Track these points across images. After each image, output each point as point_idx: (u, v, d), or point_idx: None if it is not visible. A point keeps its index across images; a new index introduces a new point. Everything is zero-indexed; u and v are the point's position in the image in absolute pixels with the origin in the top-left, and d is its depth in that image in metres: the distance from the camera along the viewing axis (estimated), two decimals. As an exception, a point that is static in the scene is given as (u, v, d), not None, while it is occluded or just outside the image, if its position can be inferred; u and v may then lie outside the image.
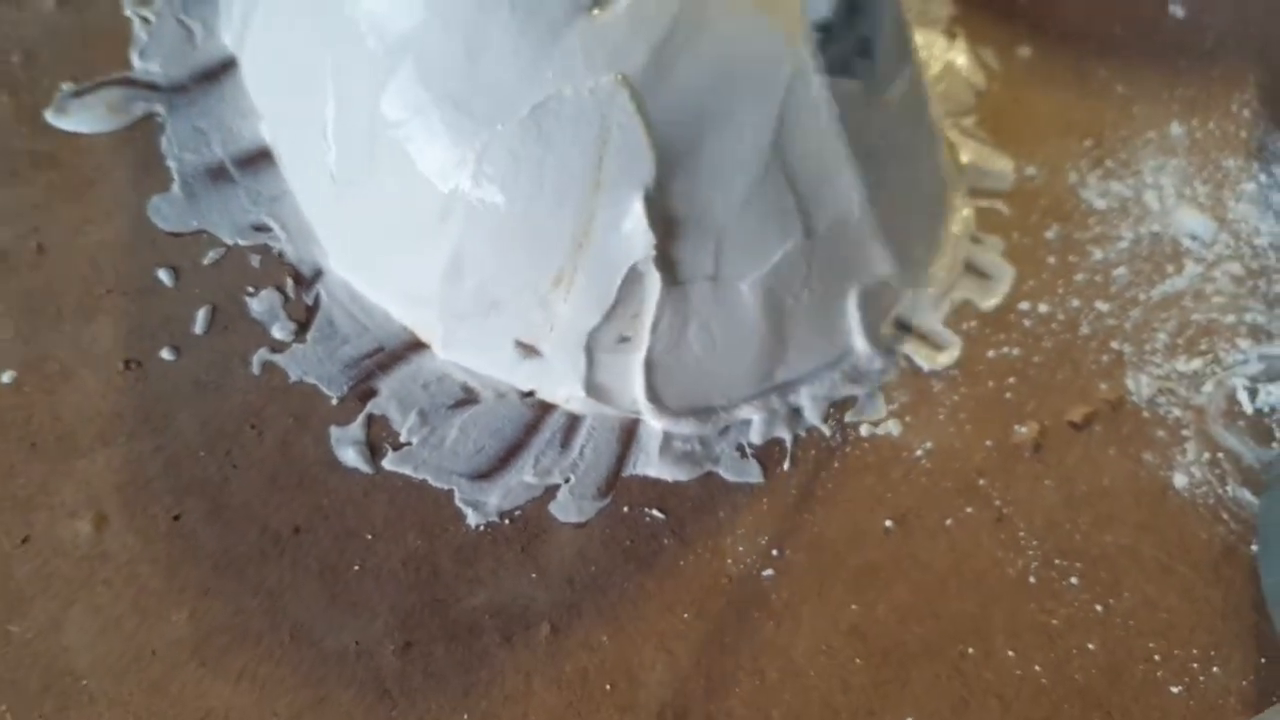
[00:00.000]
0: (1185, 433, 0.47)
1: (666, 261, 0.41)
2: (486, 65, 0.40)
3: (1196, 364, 0.48)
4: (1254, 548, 0.44)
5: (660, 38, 0.39)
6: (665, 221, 0.41)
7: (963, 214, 0.50)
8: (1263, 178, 0.53)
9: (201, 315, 0.45)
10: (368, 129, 0.43)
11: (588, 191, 0.40)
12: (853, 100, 0.43)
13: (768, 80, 0.41)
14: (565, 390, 0.44)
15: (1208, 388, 0.48)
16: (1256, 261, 0.51)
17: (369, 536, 0.42)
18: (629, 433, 0.45)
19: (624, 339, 0.43)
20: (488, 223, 0.41)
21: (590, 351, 0.43)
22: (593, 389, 0.44)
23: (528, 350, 0.44)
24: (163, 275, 0.46)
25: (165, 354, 0.45)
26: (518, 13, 0.40)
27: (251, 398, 0.44)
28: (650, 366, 0.43)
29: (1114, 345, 0.48)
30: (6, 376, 0.44)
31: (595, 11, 0.40)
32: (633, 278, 0.41)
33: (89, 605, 0.40)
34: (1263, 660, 0.42)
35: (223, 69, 0.50)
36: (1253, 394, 0.48)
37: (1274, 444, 0.47)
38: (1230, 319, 0.49)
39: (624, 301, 0.42)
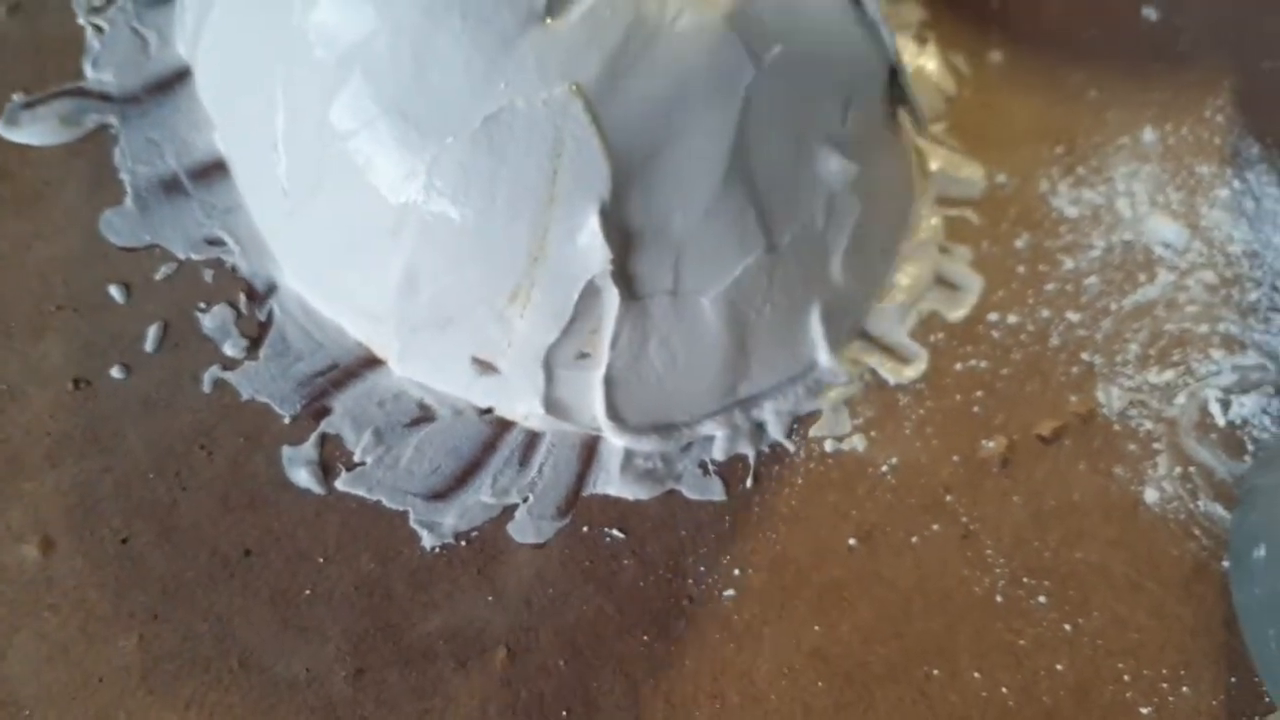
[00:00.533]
0: (1157, 446, 0.46)
1: (625, 276, 0.41)
2: (436, 76, 0.39)
3: (1169, 375, 0.47)
4: (1225, 564, 0.44)
5: (615, 46, 0.39)
6: (623, 235, 0.40)
7: (931, 223, 0.50)
8: (1236, 184, 0.52)
9: (153, 332, 0.44)
10: (317, 141, 0.42)
11: (542, 205, 0.39)
12: (817, 104, 0.42)
13: (726, 88, 0.40)
14: (524, 407, 0.43)
15: (1180, 399, 0.47)
16: (1230, 270, 0.50)
17: (321, 560, 0.41)
18: (589, 450, 0.44)
19: (583, 355, 0.42)
20: (440, 237, 0.40)
21: (549, 368, 0.42)
22: (552, 406, 0.43)
23: (485, 367, 0.43)
24: (114, 291, 0.45)
25: (115, 372, 0.44)
26: (468, 22, 0.39)
27: (202, 416, 0.43)
28: (610, 383, 0.43)
29: (1084, 357, 0.47)
30: (-48, 396, 0.43)
31: (548, 21, 0.39)
32: (590, 292, 0.41)
33: (34, 632, 0.39)
34: (1233, 679, 0.42)
35: (177, 79, 0.49)
36: (1225, 406, 0.47)
37: (1247, 457, 0.46)
38: (1203, 329, 0.48)
39: (582, 317, 0.41)
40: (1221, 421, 0.46)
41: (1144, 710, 0.41)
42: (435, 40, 0.39)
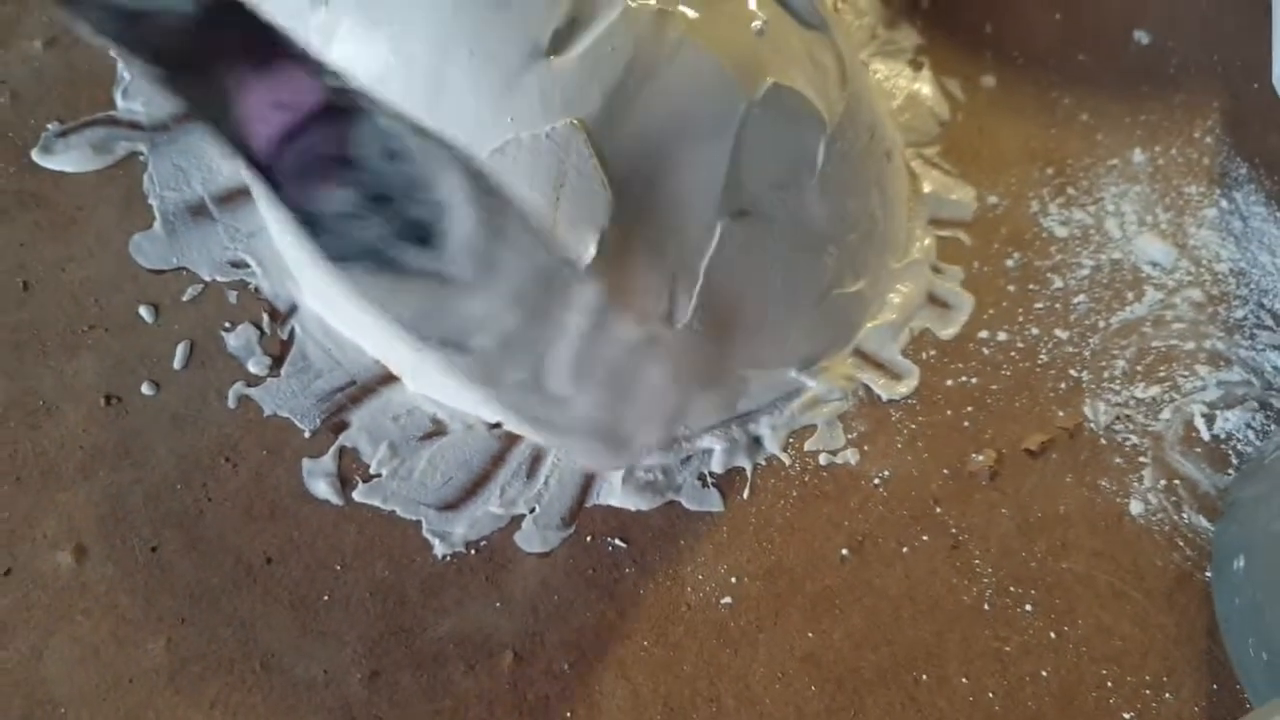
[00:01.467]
0: (1142, 459, 0.47)
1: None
2: (447, 110, 0.41)
3: (1155, 391, 0.49)
4: (1208, 574, 0.45)
5: (615, 82, 0.41)
6: (623, 257, 0.42)
7: (924, 243, 0.51)
8: (1224, 204, 0.53)
9: (180, 351, 0.47)
10: (337, 170, 0.44)
11: (545, 233, 0.41)
12: (806, 136, 0.44)
13: (721, 120, 0.42)
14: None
15: (1165, 414, 0.48)
16: (1217, 288, 0.51)
17: (338, 567, 0.43)
18: (593, 463, 0.46)
19: (587, 373, 0.44)
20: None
21: (554, 385, 0.44)
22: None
23: (493, 384, 0.45)
24: (144, 312, 0.48)
25: (145, 389, 0.46)
26: (476, 59, 0.41)
27: (227, 431, 0.46)
28: (612, 399, 0.45)
29: (1072, 373, 0.49)
30: (-8, 412, 0.45)
31: (552, 57, 0.41)
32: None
33: (68, 635, 0.42)
34: (1215, 686, 0.43)
35: (203, 108, 0.52)
36: (1210, 420, 0.48)
37: (1230, 470, 0.47)
38: (1190, 345, 0.50)
39: (585, 337, 0.43)
40: (1206, 436, 0.48)
41: (1127, 715, 0.42)
42: (446, 75, 0.41)
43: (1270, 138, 0.55)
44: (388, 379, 0.47)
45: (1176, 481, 0.47)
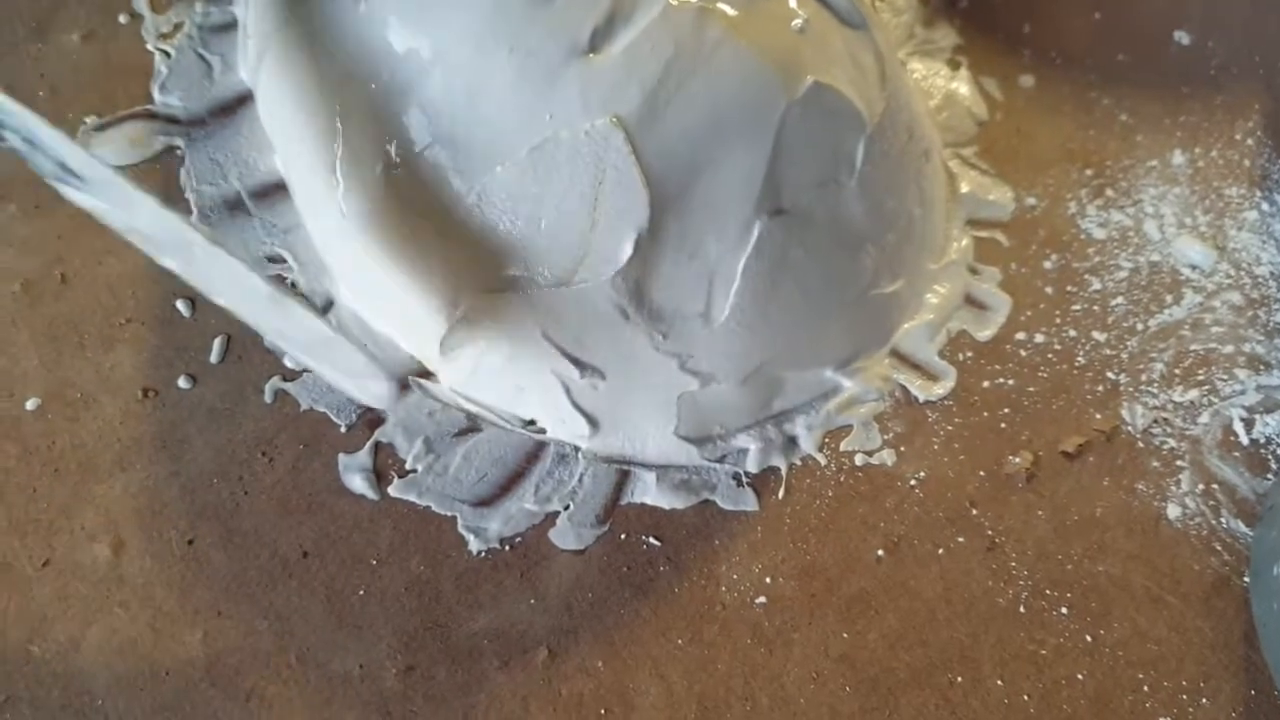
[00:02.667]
0: (1180, 463, 0.47)
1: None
2: (486, 108, 0.41)
3: (1193, 394, 0.49)
4: (1246, 579, 0.45)
5: (654, 80, 0.41)
6: (658, 250, 0.42)
7: (961, 244, 0.51)
8: (1265, 206, 0.53)
9: (217, 344, 0.47)
10: (374, 168, 0.44)
11: (582, 231, 0.41)
12: (846, 135, 0.44)
13: (760, 119, 0.42)
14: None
15: (1204, 418, 0.48)
16: (1257, 291, 0.51)
17: (374, 561, 0.43)
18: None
19: (622, 371, 0.44)
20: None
21: (589, 383, 0.44)
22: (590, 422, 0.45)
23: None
24: (180, 305, 0.48)
25: (182, 382, 0.46)
26: (516, 56, 0.41)
27: (264, 425, 0.46)
28: (648, 398, 0.45)
29: (1110, 375, 0.49)
30: (31, 403, 0.46)
31: (591, 55, 0.41)
32: (629, 312, 0.43)
33: (106, 627, 0.42)
34: (1252, 692, 0.43)
35: (239, 103, 0.52)
36: (1249, 425, 0.48)
37: (1269, 475, 0.47)
38: (1229, 349, 0.50)
39: (620, 335, 0.43)
40: (1245, 440, 0.48)
41: (1162, 720, 0.42)
42: (486, 73, 0.41)
43: (1312, 140, 0.55)
44: (423, 375, 0.47)
45: (1214, 486, 0.47)
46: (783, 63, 0.42)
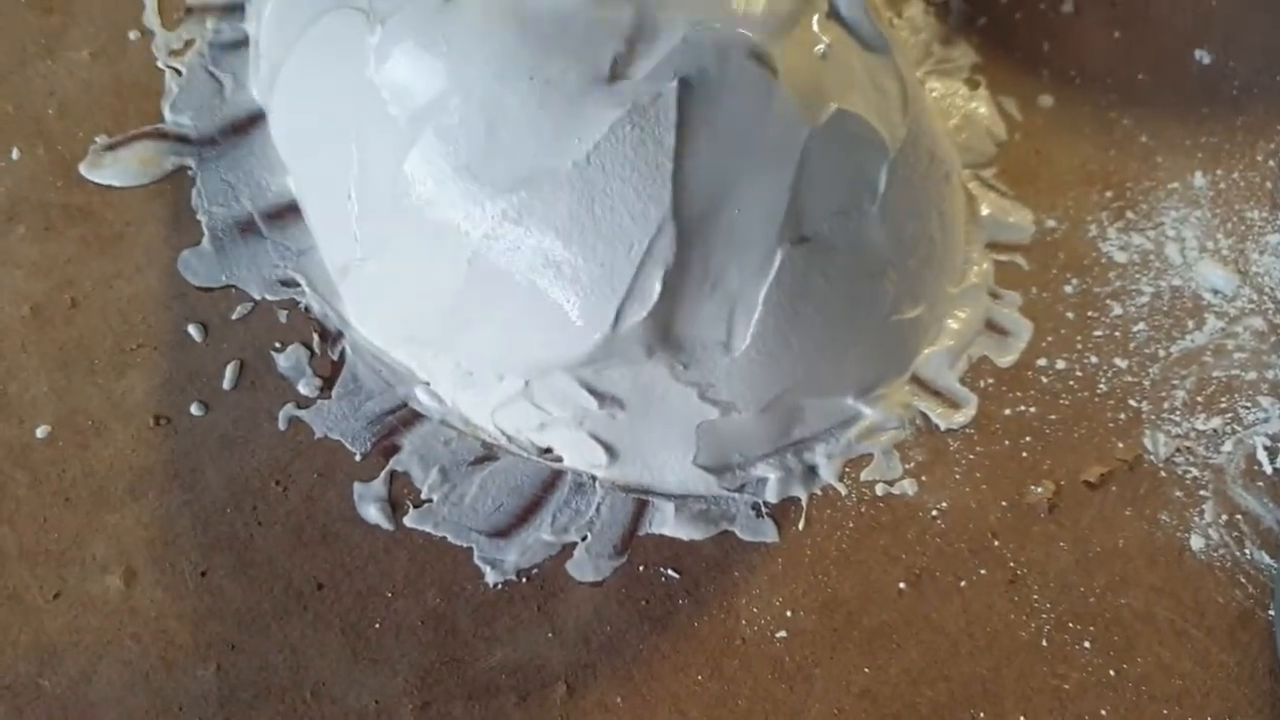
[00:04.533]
0: (1203, 493, 0.47)
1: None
2: (505, 137, 0.41)
3: (1216, 422, 0.48)
4: (1270, 612, 0.44)
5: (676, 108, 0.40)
6: (681, 285, 0.41)
7: (981, 268, 0.50)
8: (1287, 230, 0.52)
9: (230, 370, 0.46)
10: (390, 193, 0.43)
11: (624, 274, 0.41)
12: (868, 161, 0.43)
13: (784, 146, 0.41)
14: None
15: (1227, 447, 0.48)
16: (1279, 316, 0.50)
17: (389, 594, 0.43)
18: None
19: (641, 400, 0.44)
20: (505, 294, 0.42)
21: (607, 413, 0.44)
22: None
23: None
24: (192, 330, 0.47)
25: (194, 409, 0.46)
26: (536, 84, 0.40)
27: (277, 454, 0.45)
28: (667, 427, 0.44)
29: (1132, 403, 0.48)
30: (41, 431, 0.45)
31: (612, 83, 0.40)
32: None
33: (118, 659, 0.41)
34: (1277, 727, 0.43)
35: (251, 122, 0.51)
36: (1273, 454, 0.47)
37: (1293, 505, 0.46)
38: (1252, 375, 0.49)
39: (640, 365, 0.43)
40: (1269, 469, 0.47)
41: (1187, 756, 0.42)
42: (505, 101, 0.40)
43: (1335, 162, 0.54)
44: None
45: (1238, 516, 0.46)
46: (805, 90, 0.41)
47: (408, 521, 0.44)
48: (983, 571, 0.45)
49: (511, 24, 0.41)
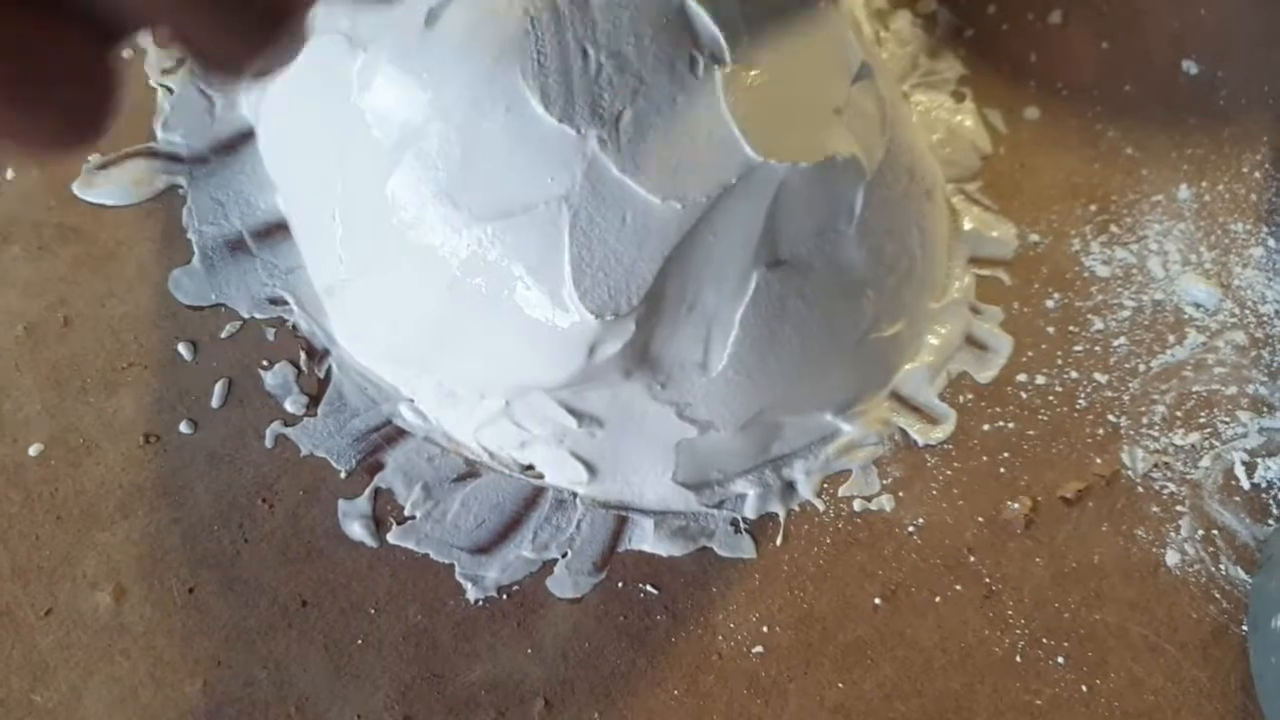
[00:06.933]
0: (1180, 508, 0.47)
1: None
2: (482, 165, 0.41)
3: (1194, 437, 0.48)
4: (1244, 628, 0.45)
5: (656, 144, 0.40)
6: (658, 310, 0.42)
7: (963, 282, 0.51)
8: (1271, 242, 0.52)
9: (218, 389, 0.47)
10: (374, 216, 0.44)
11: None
12: (844, 185, 0.44)
13: (761, 180, 0.41)
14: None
15: (1205, 462, 0.48)
16: (1261, 330, 0.51)
17: (372, 610, 0.44)
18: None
19: (620, 419, 0.45)
20: (487, 315, 0.42)
21: (587, 431, 0.45)
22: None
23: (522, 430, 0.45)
24: (182, 349, 0.48)
25: (183, 427, 0.47)
26: (512, 115, 0.41)
27: (264, 471, 0.46)
28: (645, 445, 0.45)
29: (1111, 418, 0.49)
30: (34, 449, 0.46)
31: (587, 117, 0.40)
32: (626, 363, 0.43)
33: (108, 675, 0.42)
34: (1249, 742, 0.43)
35: (241, 140, 0.52)
36: (1250, 469, 0.48)
37: (1270, 521, 0.47)
38: (1231, 390, 0.49)
39: (618, 385, 0.43)
40: (1246, 484, 0.47)
41: (1158, 771, 0.42)
42: (482, 130, 0.41)
43: (1321, 173, 0.54)
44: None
45: (1214, 531, 0.47)
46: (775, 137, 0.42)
47: (391, 538, 0.45)
48: (958, 587, 0.45)
49: (490, 53, 0.42)
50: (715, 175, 0.41)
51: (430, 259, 0.43)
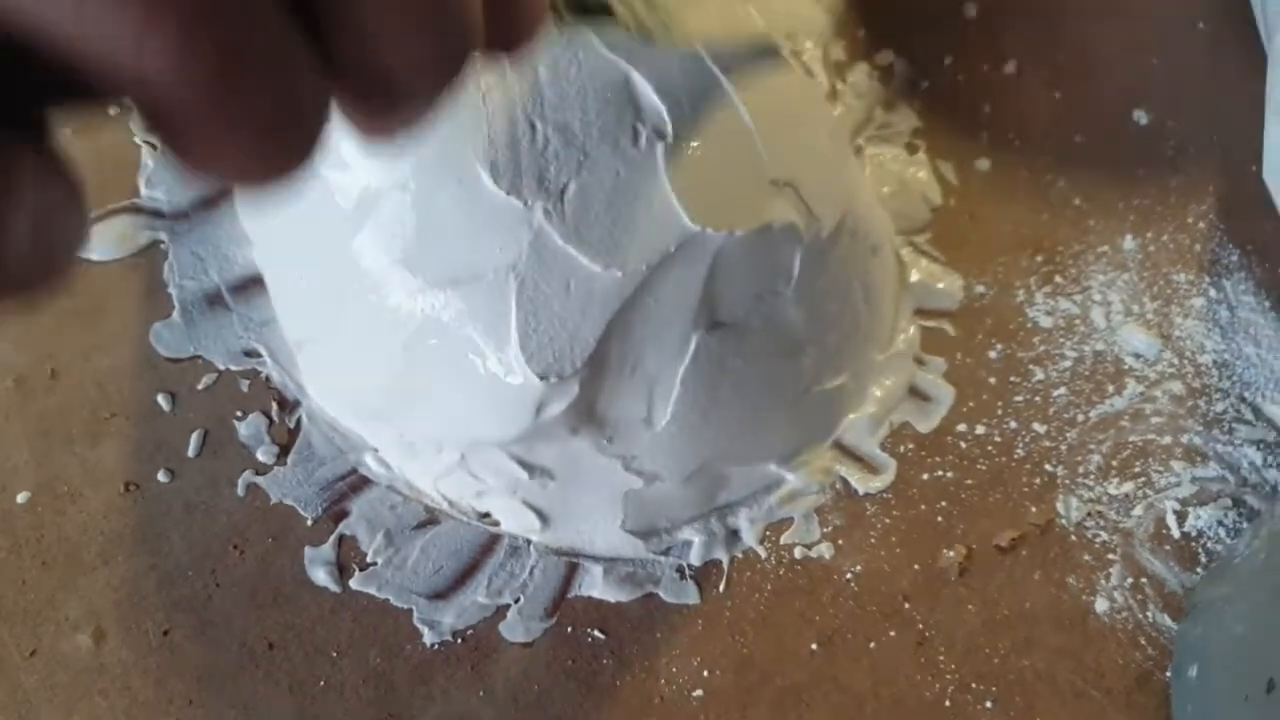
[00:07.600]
0: (1111, 556, 0.49)
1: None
2: (436, 234, 0.44)
3: (1128, 487, 0.50)
4: (1169, 674, 0.47)
5: (600, 216, 0.43)
6: (602, 371, 0.44)
7: (908, 334, 0.53)
8: (1212, 293, 0.54)
9: (194, 439, 0.50)
10: (337, 276, 0.47)
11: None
12: (782, 249, 0.46)
13: (698, 249, 0.43)
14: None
15: (1138, 511, 0.50)
16: (1199, 380, 0.52)
17: (334, 654, 0.47)
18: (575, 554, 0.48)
19: (570, 472, 0.47)
20: (443, 376, 0.45)
21: (538, 483, 0.47)
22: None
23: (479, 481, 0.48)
24: (161, 400, 0.51)
25: (161, 476, 0.49)
26: (464, 187, 0.43)
27: (236, 519, 0.49)
28: (594, 497, 0.47)
29: (1048, 468, 0.50)
30: (21, 497, 0.49)
31: (534, 192, 0.43)
32: (573, 421, 0.45)
33: (87, 714, 0.45)
34: (1168, 785, 0.45)
35: (220, 196, 0.54)
36: (1181, 518, 0.49)
37: (1198, 569, 0.49)
38: (1167, 440, 0.51)
39: (567, 442, 0.46)
40: (1177, 533, 0.49)
41: (1080, 812, 0.44)
42: (436, 201, 0.43)
43: (1264, 223, 0.55)
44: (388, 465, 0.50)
45: (1144, 579, 0.48)
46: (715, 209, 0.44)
47: (353, 584, 0.48)
48: (892, 633, 0.47)
49: (443, 127, 0.44)
50: (655, 244, 0.43)
51: (389, 320, 0.45)
